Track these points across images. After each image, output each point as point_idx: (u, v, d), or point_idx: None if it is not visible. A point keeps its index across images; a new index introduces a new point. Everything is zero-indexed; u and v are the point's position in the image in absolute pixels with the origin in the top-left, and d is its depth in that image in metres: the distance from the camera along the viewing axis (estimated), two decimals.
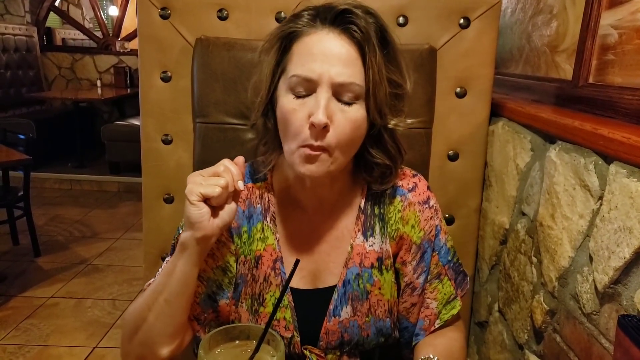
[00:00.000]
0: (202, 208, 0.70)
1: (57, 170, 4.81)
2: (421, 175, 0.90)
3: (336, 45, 0.71)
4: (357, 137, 0.75)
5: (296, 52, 0.73)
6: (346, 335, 0.83)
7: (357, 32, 0.71)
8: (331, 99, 0.71)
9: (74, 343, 2.33)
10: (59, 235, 3.58)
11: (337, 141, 0.72)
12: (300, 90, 0.72)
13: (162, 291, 0.75)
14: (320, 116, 0.69)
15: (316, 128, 0.70)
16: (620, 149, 0.71)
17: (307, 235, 0.86)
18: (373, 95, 0.72)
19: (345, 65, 0.71)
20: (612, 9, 0.95)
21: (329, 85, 0.71)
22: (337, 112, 0.71)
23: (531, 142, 1.05)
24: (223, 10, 1.18)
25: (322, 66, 0.71)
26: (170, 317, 0.76)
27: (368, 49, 0.71)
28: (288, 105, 0.73)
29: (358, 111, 0.73)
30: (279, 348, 0.64)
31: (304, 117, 0.71)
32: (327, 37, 0.72)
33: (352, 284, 0.83)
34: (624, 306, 0.70)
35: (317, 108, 0.70)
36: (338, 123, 0.71)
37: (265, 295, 0.83)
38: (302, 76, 0.71)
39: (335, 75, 0.70)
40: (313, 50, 0.72)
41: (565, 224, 0.87)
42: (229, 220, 0.74)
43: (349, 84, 0.71)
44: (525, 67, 1.37)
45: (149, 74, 1.21)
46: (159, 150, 1.22)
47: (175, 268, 0.74)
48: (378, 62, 0.72)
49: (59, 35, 6.16)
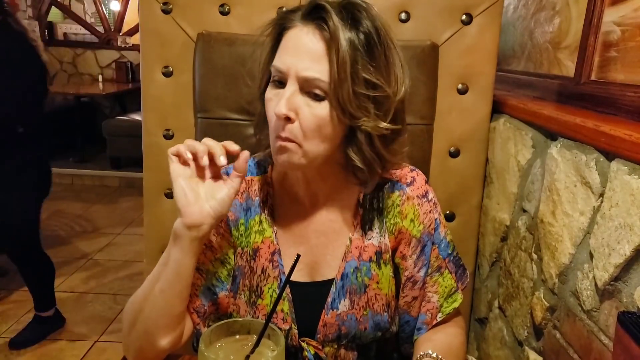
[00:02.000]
0: (179, 181, 0.71)
1: (59, 165, 4.80)
2: (419, 170, 0.90)
3: (308, 40, 0.72)
4: (326, 134, 0.74)
5: (282, 43, 0.75)
6: (344, 329, 0.83)
7: (325, 29, 0.71)
8: (297, 92, 0.72)
9: (75, 337, 2.34)
10: (60, 230, 3.59)
11: (303, 134, 0.72)
12: (275, 80, 0.75)
13: (157, 281, 0.75)
14: (280, 107, 0.70)
15: (277, 119, 0.72)
16: (622, 146, 0.71)
17: (305, 228, 0.86)
18: (334, 92, 0.71)
19: (313, 60, 0.71)
20: (615, 6, 0.95)
21: (295, 78, 0.72)
22: (302, 105, 0.72)
23: (532, 139, 1.05)
24: (225, 5, 1.18)
25: (291, 60, 0.72)
26: (165, 307, 0.76)
27: (333, 45, 0.70)
28: (268, 94, 0.76)
29: (324, 108, 0.72)
30: (279, 342, 0.64)
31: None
32: (302, 31, 0.73)
33: (351, 277, 0.83)
34: (624, 303, 0.70)
35: (279, 99, 0.72)
36: (304, 116, 0.72)
37: (263, 288, 0.83)
38: (276, 67, 0.73)
39: (301, 69, 0.71)
40: (288, 43, 0.74)
41: (566, 221, 0.87)
42: (221, 210, 0.73)
43: (313, 79, 0.71)
44: (527, 64, 1.36)
45: (150, 68, 1.21)
46: (160, 145, 1.23)
47: (169, 257, 0.74)
48: (342, 60, 0.70)
49: (60, 30, 6.14)
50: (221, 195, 0.72)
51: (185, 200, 0.71)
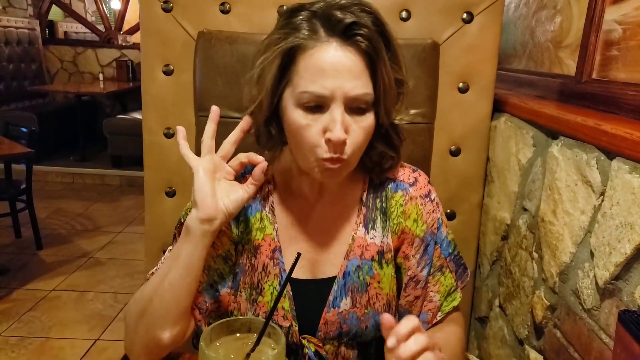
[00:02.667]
0: (201, 173, 0.74)
1: (60, 164, 4.82)
2: (421, 171, 0.90)
3: (345, 58, 0.71)
4: (368, 140, 0.77)
5: (303, 66, 0.72)
6: (345, 327, 0.83)
7: (363, 42, 0.71)
8: (344, 113, 0.72)
9: (76, 336, 2.34)
10: (61, 229, 3.59)
11: (352, 150, 0.73)
12: (311, 105, 0.72)
13: (167, 275, 0.76)
14: (338, 133, 0.70)
15: (335, 144, 0.71)
16: (623, 145, 0.71)
17: (307, 226, 0.86)
18: (383, 101, 0.74)
19: (355, 77, 0.71)
20: (616, 4, 0.95)
21: (342, 100, 0.71)
22: (351, 124, 0.73)
23: (533, 138, 1.05)
24: (225, 3, 1.18)
25: (334, 82, 0.70)
26: (173, 300, 0.77)
27: (377, 58, 0.72)
28: (300, 120, 0.72)
29: (369, 118, 0.74)
30: (280, 341, 0.64)
31: (318, 132, 0.72)
32: (334, 50, 0.71)
33: (352, 275, 0.84)
34: (624, 302, 0.70)
35: (334, 125, 0.70)
36: (353, 134, 0.73)
37: (264, 285, 0.83)
38: (315, 93, 0.70)
39: (349, 90, 0.70)
40: (323, 66, 0.70)
41: (566, 220, 0.87)
42: (232, 210, 0.76)
43: (363, 95, 0.72)
44: (528, 63, 1.36)
45: (151, 67, 1.21)
46: (160, 144, 1.23)
47: (180, 251, 0.76)
48: (387, 70, 0.73)
49: (61, 29, 6.15)
50: (235, 196, 0.76)
51: (203, 193, 0.73)
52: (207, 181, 0.74)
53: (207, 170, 0.75)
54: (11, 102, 4.97)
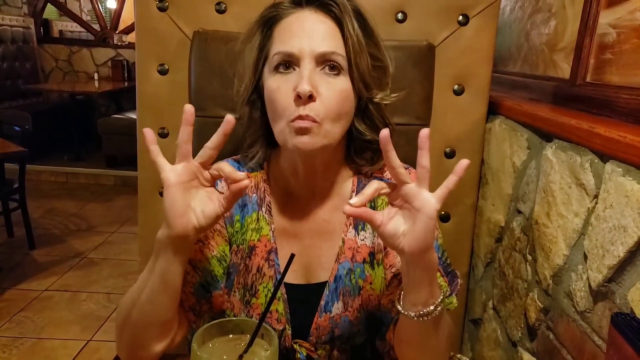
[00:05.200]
0: (172, 190, 0.66)
1: (53, 163, 4.79)
2: (412, 168, 0.89)
3: (315, 21, 0.75)
4: (346, 109, 0.76)
5: (277, 33, 0.76)
6: (337, 331, 0.83)
7: (334, 7, 0.74)
8: (315, 70, 0.73)
9: (68, 336, 2.32)
10: (54, 228, 3.57)
11: (325, 112, 0.72)
12: (283, 67, 0.74)
13: (143, 289, 0.72)
14: (304, 85, 0.70)
15: (302, 98, 0.70)
16: (616, 148, 0.71)
17: (300, 227, 0.85)
18: (355, 65, 0.75)
19: (324, 37, 0.74)
20: (610, 8, 0.95)
21: (311, 57, 0.73)
22: (322, 83, 0.73)
23: (528, 140, 1.05)
24: (221, 3, 1.18)
25: (302, 40, 0.73)
26: (153, 315, 0.73)
27: (345, 20, 0.74)
28: (273, 84, 0.75)
29: (343, 81, 0.75)
30: (272, 342, 0.64)
31: (289, 92, 0.72)
32: (305, 15, 0.75)
33: (344, 279, 0.83)
34: (617, 304, 0.70)
35: (300, 78, 0.71)
36: (325, 94, 0.73)
37: (258, 287, 0.83)
38: (283, 52, 0.73)
39: (316, 46, 0.72)
40: (292, 27, 0.75)
41: (560, 222, 0.88)
42: (205, 227, 0.68)
43: (330, 53, 0.73)
44: (523, 66, 1.37)
45: (146, 66, 1.20)
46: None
47: (154, 266, 0.71)
48: (357, 33, 0.75)
49: (56, 27, 6.12)
50: (209, 212, 0.68)
51: (173, 213, 0.66)
52: (178, 197, 0.66)
53: (180, 182, 0.67)
54: (5, 101, 4.93)
